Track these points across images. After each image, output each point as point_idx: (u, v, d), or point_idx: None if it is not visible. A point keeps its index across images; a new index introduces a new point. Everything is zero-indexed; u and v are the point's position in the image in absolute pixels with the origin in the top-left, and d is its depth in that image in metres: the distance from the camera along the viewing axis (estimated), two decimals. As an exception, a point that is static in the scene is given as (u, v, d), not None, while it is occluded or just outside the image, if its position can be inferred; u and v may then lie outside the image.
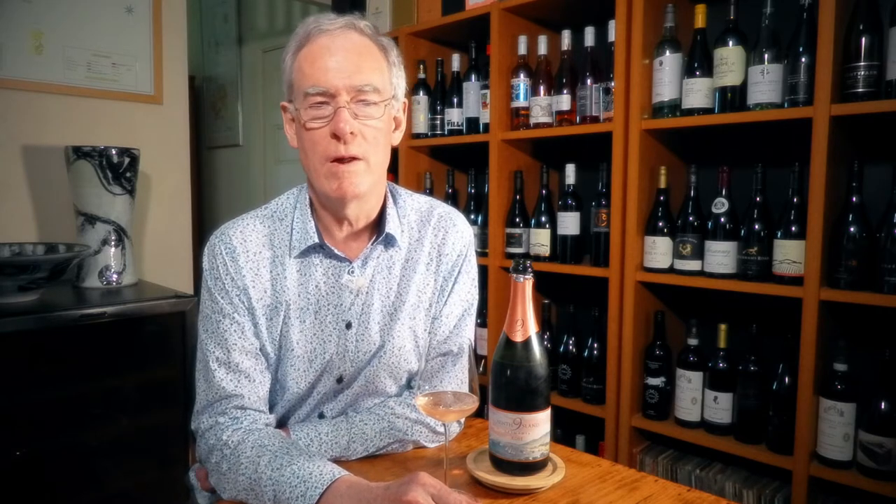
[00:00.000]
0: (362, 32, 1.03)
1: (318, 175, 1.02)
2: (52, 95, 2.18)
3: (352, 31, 1.02)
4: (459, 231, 1.16)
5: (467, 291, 1.16)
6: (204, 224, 4.34)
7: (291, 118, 1.06)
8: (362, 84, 0.99)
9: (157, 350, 1.91)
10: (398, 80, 1.08)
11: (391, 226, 1.09)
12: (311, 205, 1.09)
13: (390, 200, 1.12)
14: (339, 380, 1.10)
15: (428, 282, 1.13)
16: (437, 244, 1.14)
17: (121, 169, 2.01)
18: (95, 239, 2.01)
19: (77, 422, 1.73)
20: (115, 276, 2.04)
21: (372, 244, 1.09)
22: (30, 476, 1.65)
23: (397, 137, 1.12)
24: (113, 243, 2.03)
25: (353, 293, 1.08)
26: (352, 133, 0.99)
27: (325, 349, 1.07)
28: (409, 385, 1.16)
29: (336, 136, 0.98)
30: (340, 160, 1.00)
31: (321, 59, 0.99)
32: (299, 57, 1.02)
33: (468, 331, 1.17)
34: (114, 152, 1.99)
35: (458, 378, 1.07)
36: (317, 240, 1.06)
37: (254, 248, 1.06)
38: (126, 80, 2.34)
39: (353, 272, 1.08)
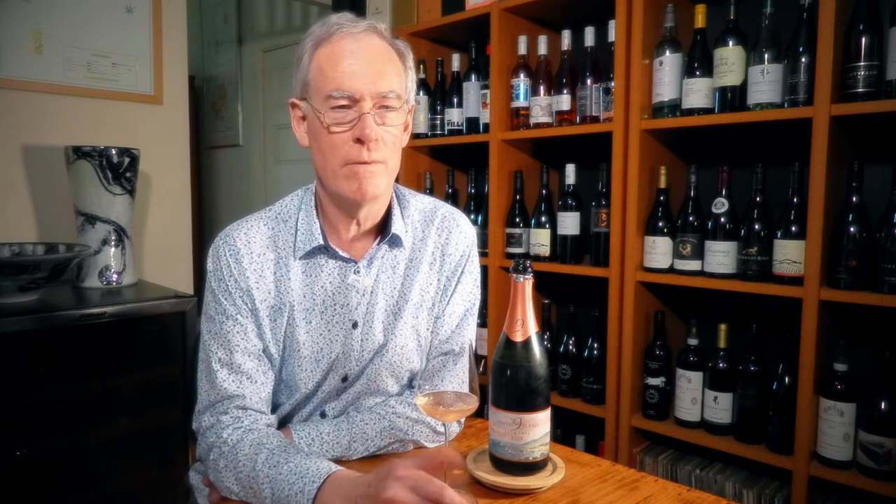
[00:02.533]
0: (383, 37, 1.03)
1: (335, 176, 1.02)
2: (52, 95, 2.18)
3: (374, 36, 1.02)
4: (463, 231, 1.17)
5: (469, 291, 1.17)
6: (204, 224, 4.34)
7: (302, 116, 1.05)
8: (387, 91, 0.99)
9: (157, 350, 1.91)
10: (412, 84, 1.08)
11: (396, 226, 1.10)
12: (317, 206, 1.10)
13: (395, 201, 1.13)
14: (344, 379, 1.10)
15: (431, 281, 1.13)
16: (440, 244, 1.14)
17: (121, 169, 2.01)
18: (95, 239, 2.01)
19: (77, 422, 1.73)
20: (115, 276, 2.04)
21: (377, 244, 1.09)
22: (30, 476, 1.65)
23: (405, 140, 1.12)
24: (113, 243, 2.03)
25: (360, 293, 1.08)
26: (376, 139, 0.99)
27: (331, 349, 1.08)
28: (410, 384, 1.17)
29: (360, 141, 0.98)
30: (362, 163, 1.00)
31: (344, 62, 0.98)
32: (319, 55, 1.01)
33: (470, 331, 1.17)
34: (114, 152, 1.99)
35: (459, 377, 1.08)
36: (321, 241, 1.06)
37: (257, 249, 1.06)
38: (126, 80, 2.34)
39: (359, 272, 1.08)
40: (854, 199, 1.56)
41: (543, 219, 2.17)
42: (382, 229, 1.11)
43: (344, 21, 1.01)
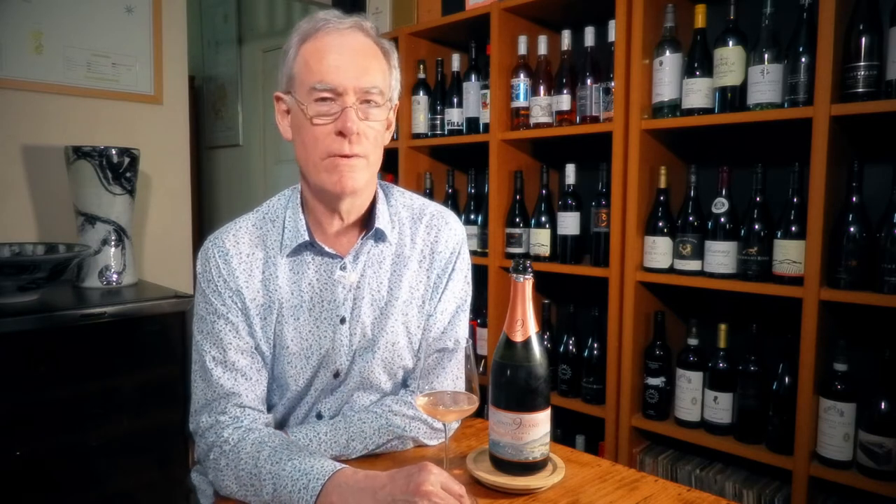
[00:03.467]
0: (368, 34, 1.05)
1: (316, 169, 1.03)
2: (52, 95, 2.18)
3: (359, 33, 1.04)
4: (452, 229, 1.17)
5: (461, 288, 1.18)
6: (204, 224, 4.34)
7: (286, 109, 1.07)
8: (370, 86, 1.01)
9: (157, 350, 1.91)
10: (395, 83, 1.10)
11: (381, 221, 1.11)
12: (303, 204, 1.10)
13: (381, 197, 1.14)
14: (336, 374, 1.11)
15: (420, 279, 1.14)
16: (429, 242, 1.15)
17: (121, 169, 2.01)
18: (95, 239, 2.01)
19: (77, 422, 1.73)
20: (115, 276, 2.04)
21: (362, 239, 1.10)
22: (30, 476, 1.65)
23: (387, 137, 1.13)
24: (113, 243, 2.03)
25: (346, 288, 1.09)
26: (357, 133, 1.00)
27: (320, 345, 1.08)
28: (404, 382, 1.17)
29: (342, 134, 1.00)
30: (343, 156, 1.01)
31: (329, 57, 1.00)
32: (304, 50, 1.02)
33: (462, 327, 1.18)
34: (114, 152, 1.99)
35: (454, 374, 1.09)
36: (307, 238, 1.07)
37: (246, 249, 1.07)
38: (126, 80, 2.34)
39: (345, 268, 1.09)
40: (854, 199, 1.56)
41: (543, 219, 2.17)
42: (367, 224, 1.12)
43: (330, 17, 1.03)
